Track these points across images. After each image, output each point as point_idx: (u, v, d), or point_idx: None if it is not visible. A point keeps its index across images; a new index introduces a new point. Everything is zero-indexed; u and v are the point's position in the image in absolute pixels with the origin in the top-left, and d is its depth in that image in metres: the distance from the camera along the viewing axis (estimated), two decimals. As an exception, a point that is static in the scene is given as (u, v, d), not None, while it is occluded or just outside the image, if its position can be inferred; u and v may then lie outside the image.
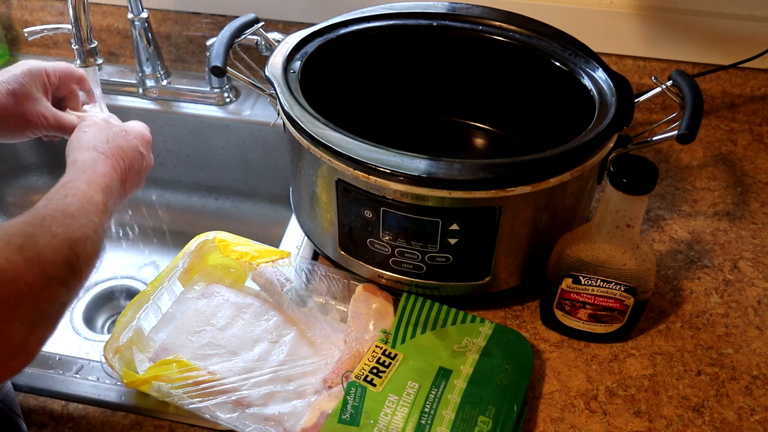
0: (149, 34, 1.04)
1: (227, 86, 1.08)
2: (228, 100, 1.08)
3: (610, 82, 0.76)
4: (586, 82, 0.78)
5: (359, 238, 0.73)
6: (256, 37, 0.85)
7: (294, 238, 0.85)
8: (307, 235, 0.83)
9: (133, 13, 1.02)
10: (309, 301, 0.76)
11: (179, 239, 1.10)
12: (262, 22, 0.84)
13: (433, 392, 0.66)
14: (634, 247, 0.66)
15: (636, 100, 0.75)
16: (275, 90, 0.74)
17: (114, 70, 1.15)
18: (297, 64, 0.78)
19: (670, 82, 0.76)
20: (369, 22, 0.86)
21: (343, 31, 0.85)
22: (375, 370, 0.67)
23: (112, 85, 1.11)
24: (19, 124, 0.71)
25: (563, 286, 0.70)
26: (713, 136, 1.04)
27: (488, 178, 0.64)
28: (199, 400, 0.65)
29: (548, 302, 0.73)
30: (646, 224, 0.89)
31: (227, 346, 0.70)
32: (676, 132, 0.69)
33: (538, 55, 0.84)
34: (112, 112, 0.81)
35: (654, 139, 0.72)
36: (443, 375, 0.67)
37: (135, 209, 1.14)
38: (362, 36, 0.86)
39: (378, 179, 0.65)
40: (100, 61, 0.80)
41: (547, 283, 0.72)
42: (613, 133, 0.70)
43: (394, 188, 0.65)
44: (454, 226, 0.68)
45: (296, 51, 0.80)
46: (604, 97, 0.75)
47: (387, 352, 0.69)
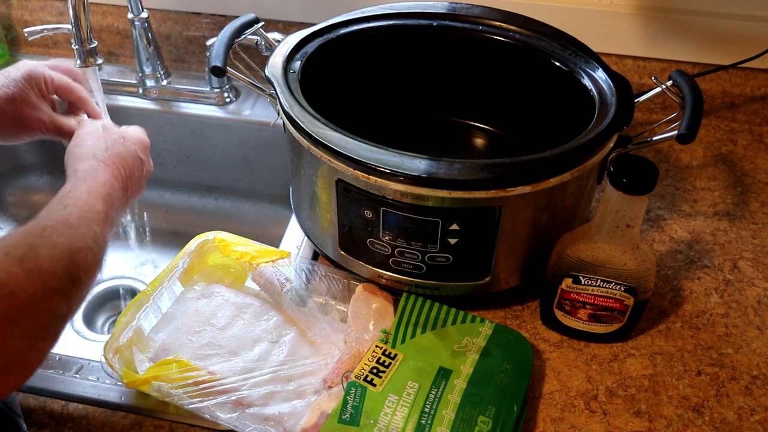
0: (149, 34, 1.04)
1: (227, 86, 1.08)
2: (228, 100, 1.08)
3: (610, 82, 0.76)
4: (586, 82, 0.78)
5: (359, 238, 0.73)
6: (256, 37, 0.85)
7: (294, 238, 0.85)
8: (307, 235, 0.83)
9: (133, 13, 1.02)
10: (309, 301, 0.76)
11: (179, 239, 1.10)
12: (262, 22, 0.84)
13: (433, 392, 0.66)
14: (634, 247, 0.66)
15: (636, 100, 0.75)
16: (275, 90, 0.74)
17: (114, 70, 1.15)
18: (297, 64, 0.78)
19: (670, 82, 0.76)
20: (369, 22, 0.87)
21: (343, 31, 0.85)
22: (375, 370, 0.67)
23: (112, 85, 1.11)
24: (17, 128, 0.71)
25: (563, 286, 0.70)
26: (713, 136, 1.04)
27: (488, 178, 0.64)
28: (199, 400, 0.65)
29: (548, 302, 0.73)
30: (646, 224, 0.89)
31: (227, 346, 0.70)
32: (676, 132, 0.69)
33: (538, 55, 0.84)
34: (111, 112, 0.81)
35: (654, 139, 0.72)
36: (443, 375, 0.67)
37: (135, 209, 1.14)
38: (362, 36, 0.86)
39: (378, 179, 0.65)
40: (100, 61, 0.80)
41: (547, 283, 0.72)
42: (613, 133, 0.70)
43: (394, 188, 0.65)
44: (454, 226, 0.68)
45: (296, 51, 0.80)
46: (604, 97, 0.75)
47: (387, 352, 0.69)
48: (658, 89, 0.76)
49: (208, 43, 0.99)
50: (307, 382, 0.68)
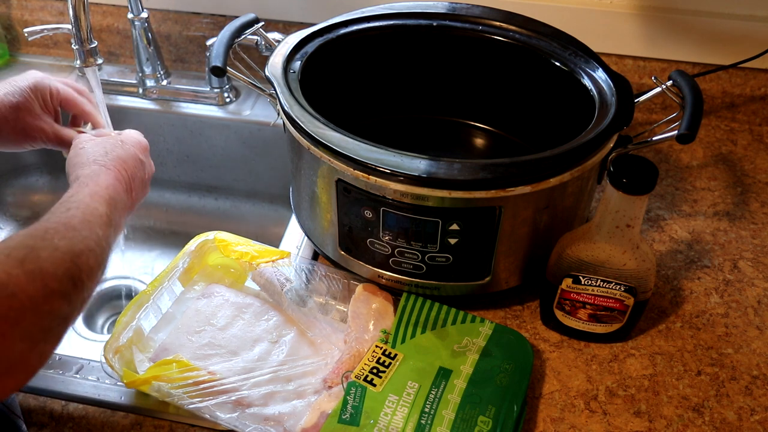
0: (149, 34, 1.04)
1: (227, 86, 1.08)
2: (228, 100, 1.08)
3: (610, 82, 0.76)
4: (586, 82, 0.78)
5: (359, 238, 0.73)
6: (256, 37, 0.85)
7: (294, 238, 0.85)
8: (307, 235, 0.83)
9: (133, 13, 1.02)
10: (309, 301, 0.76)
11: (179, 239, 1.10)
12: (262, 22, 0.84)
13: (433, 392, 0.66)
14: (634, 247, 0.66)
15: (636, 100, 0.75)
16: (275, 90, 0.74)
17: (114, 70, 1.15)
18: (297, 64, 0.78)
19: (670, 82, 0.76)
20: (369, 22, 0.87)
21: (343, 31, 0.85)
22: (375, 370, 0.67)
23: (112, 85, 1.11)
24: (19, 136, 0.71)
25: (563, 286, 0.70)
26: (713, 136, 1.04)
27: (488, 178, 0.64)
28: (199, 400, 0.65)
29: (548, 302, 0.73)
30: (646, 224, 0.89)
31: (227, 346, 0.70)
32: (676, 132, 0.69)
33: (538, 55, 0.84)
34: (112, 112, 0.82)
35: (654, 139, 0.72)
36: (443, 375, 0.67)
37: (135, 209, 1.14)
38: (362, 36, 0.86)
39: (378, 179, 0.65)
40: (100, 61, 0.80)
41: (547, 283, 0.72)
42: (613, 133, 0.70)
43: (394, 188, 0.65)
44: (454, 226, 0.68)
45: (296, 51, 0.80)
46: (604, 97, 0.75)
47: (387, 352, 0.69)
48: (658, 89, 0.76)
49: (208, 43, 0.99)
50: (307, 382, 0.68)
